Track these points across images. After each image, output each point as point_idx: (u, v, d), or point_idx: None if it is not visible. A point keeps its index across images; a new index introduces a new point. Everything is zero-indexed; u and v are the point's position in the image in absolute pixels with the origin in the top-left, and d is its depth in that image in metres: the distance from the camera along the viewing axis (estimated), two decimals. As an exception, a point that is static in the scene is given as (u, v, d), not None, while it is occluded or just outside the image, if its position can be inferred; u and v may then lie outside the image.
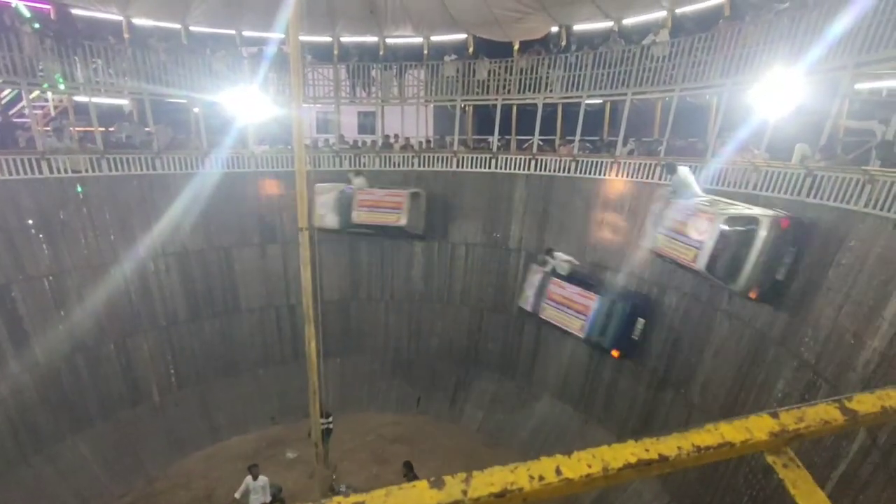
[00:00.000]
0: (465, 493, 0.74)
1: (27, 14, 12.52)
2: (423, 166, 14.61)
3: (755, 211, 8.14)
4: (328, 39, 15.71)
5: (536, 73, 13.41)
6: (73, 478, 10.87)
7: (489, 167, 14.09)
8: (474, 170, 14.25)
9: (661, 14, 13.10)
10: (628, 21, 13.86)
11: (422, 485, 0.75)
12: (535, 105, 13.53)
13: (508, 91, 13.83)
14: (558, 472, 0.77)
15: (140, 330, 12.64)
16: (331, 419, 10.98)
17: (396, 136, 15.61)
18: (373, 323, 15.38)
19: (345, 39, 15.92)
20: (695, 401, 9.66)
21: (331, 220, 13.54)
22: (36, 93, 12.61)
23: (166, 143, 13.19)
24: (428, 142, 16.21)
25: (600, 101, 13.69)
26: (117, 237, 12.18)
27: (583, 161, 12.77)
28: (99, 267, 11.87)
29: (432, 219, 14.60)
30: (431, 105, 16.24)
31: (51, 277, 11.20)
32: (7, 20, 11.37)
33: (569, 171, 13.00)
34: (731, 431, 0.87)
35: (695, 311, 10.09)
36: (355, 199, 13.58)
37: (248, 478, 9.32)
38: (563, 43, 14.57)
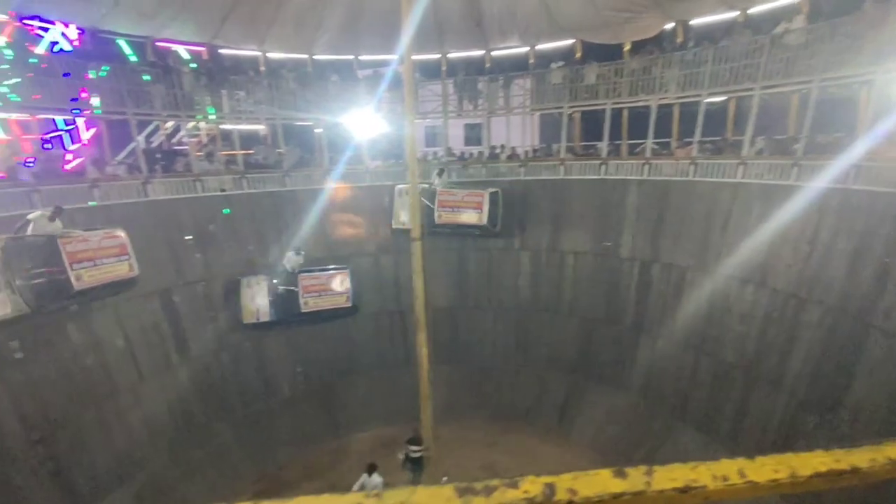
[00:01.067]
0: (647, 484, 0.79)
1: (186, 56, 14.64)
2: (530, 175, 14.58)
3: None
4: (436, 56, 16.36)
5: (650, 73, 12.79)
6: (218, 460, 12.33)
7: (598, 173, 13.67)
8: (583, 177, 13.90)
9: (795, -1, 11.84)
10: (756, 9, 12.69)
11: (605, 473, 0.81)
12: (649, 107, 12.89)
13: (619, 94, 13.34)
14: (742, 474, 0.79)
15: (273, 332, 14.03)
16: (424, 448, 10.40)
17: (503, 146, 15.75)
18: (480, 331, 15.56)
19: (452, 55, 16.47)
20: (844, 429, 8.48)
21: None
22: (192, 124, 14.67)
23: (295, 162, 14.60)
24: (534, 150, 16.14)
25: (723, 98, 12.68)
26: (254, 247, 13.69)
27: (703, 163, 11.90)
28: (239, 274, 13.42)
29: (538, 227, 14.49)
30: (538, 114, 16.17)
31: (203, 283, 12.89)
32: (171, 62, 13.41)
33: (687, 175, 12.18)
34: (935, 448, 0.82)
35: (842, 325, 8.90)
36: (437, 200, 13.95)
37: (365, 475, 9.88)
38: (680, 39, 13.72)
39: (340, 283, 13.99)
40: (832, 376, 8.93)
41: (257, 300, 13.25)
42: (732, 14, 12.96)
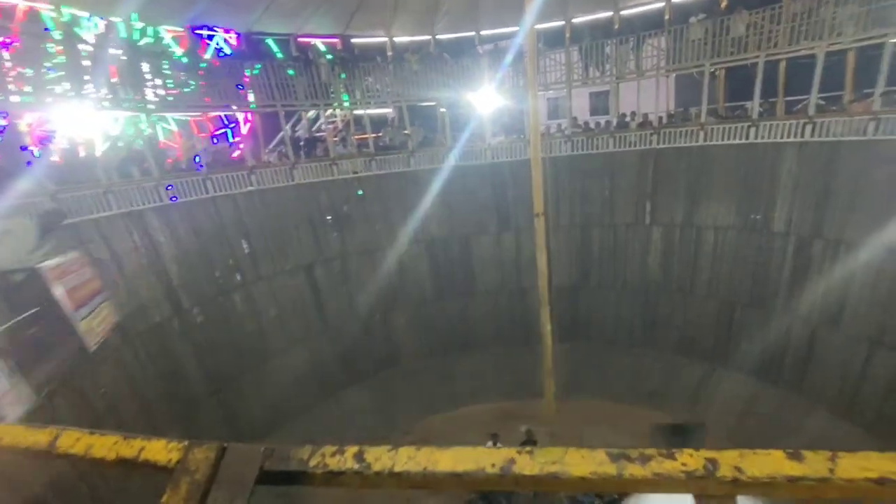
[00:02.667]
0: (832, 471, 0.70)
1: (323, 48, 15.82)
2: (663, 143, 13.40)
3: None
4: (559, 23, 15.62)
5: (817, 14, 10.86)
6: (350, 420, 13.58)
7: (746, 138, 12.10)
8: (726, 142, 12.43)
9: None
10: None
11: (777, 454, 0.73)
12: (814, 57, 11.00)
13: (775, 44, 11.55)
14: (960, 470, 0.66)
15: (398, 305, 14.93)
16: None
17: (633, 113, 14.67)
18: (604, 311, 14.96)
19: (576, 20, 15.59)
20: None
21: None
22: (329, 111, 15.90)
23: (419, 142, 15.13)
24: (669, 116, 14.80)
25: (918, 37, 10.34)
26: (382, 227, 14.57)
27: (887, 119, 9.91)
28: (370, 251, 14.42)
29: (671, 200, 13.37)
30: (673, 76, 14.73)
31: (339, 259, 14.10)
32: (310, 55, 14.59)
33: (864, 134, 10.26)
34: None
35: None
36: None
37: (490, 443, 10.18)
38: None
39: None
40: None
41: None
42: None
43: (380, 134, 15.94)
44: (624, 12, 14.94)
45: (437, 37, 16.28)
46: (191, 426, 10.38)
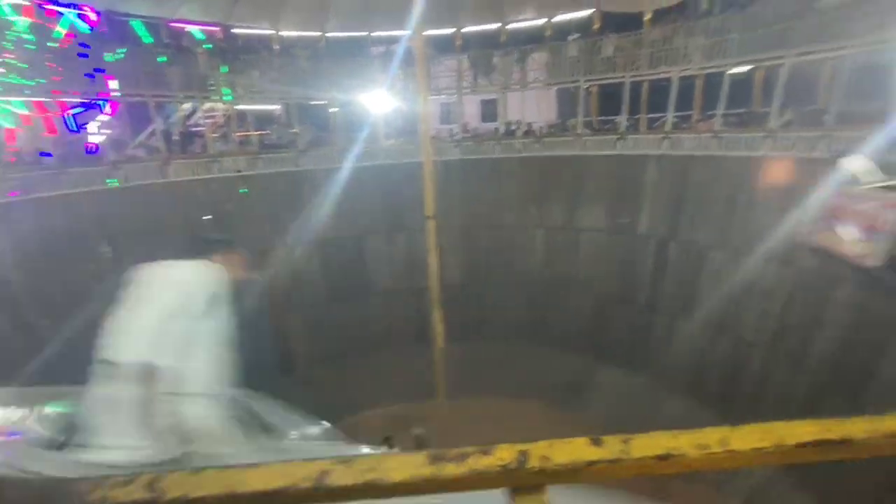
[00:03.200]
0: (625, 452, 0.76)
1: (201, 36, 14.64)
2: (546, 151, 14.33)
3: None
4: (450, 30, 16.04)
5: (671, 43, 12.34)
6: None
7: (616, 149, 13.36)
8: (599, 153, 13.62)
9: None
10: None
11: (580, 440, 0.78)
12: (670, 79, 12.47)
13: (638, 67, 12.92)
14: (724, 443, 0.76)
15: (290, 309, 14.25)
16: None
17: (519, 122, 15.49)
18: (493, 310, 15.57)
19: (466, 30, 16.12)
20: (871, 412, 8.29)
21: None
22: (208, 104, 14.74)
23: (309, 141, 14.60)
24: (551, 126, 15.85)
25: (748, 68, 12.19)
26: (270, 228, 13.82)
27: (726, 137, 11.52)
28: (257, 253, 13.59)
29: (552, 204, 14.31)
30: (554, 88, 15.81)
31: (221, 262, 13.10)
32: (186, 43, 13.43)
33: (709, 149, 11.82)
34: (938, 420, 0.77)
35: (875, 305, 8.63)
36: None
37: (383, 448, 10.08)
38: (705, 6, 13.18)
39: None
40: (860, 357, 8.71)
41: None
42: (761, -22, 12.36)
43: (266, 131, 15.13)
44: (509, 26, 15.75)
45: (328, 34, 15.85)
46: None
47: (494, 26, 15.84)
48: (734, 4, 12.15)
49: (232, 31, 14.97)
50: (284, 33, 15.49)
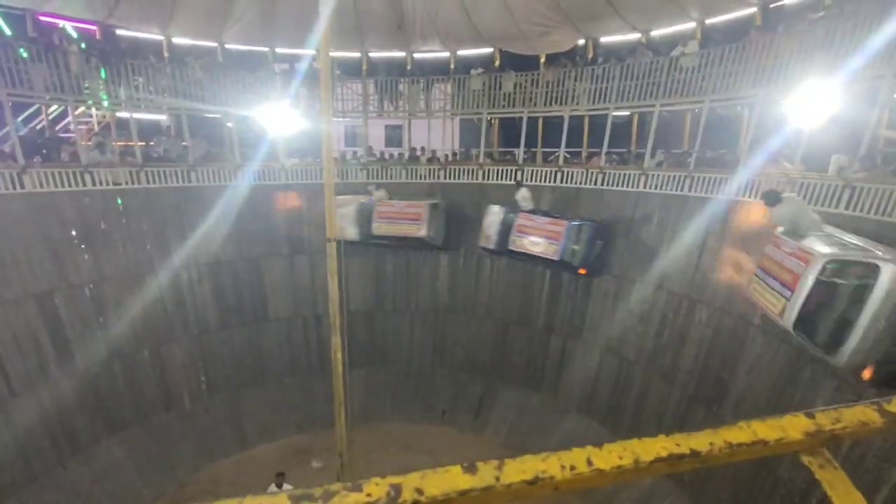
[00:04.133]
0: (497, 479, 0.76)
1: (74, 35, 13.21)
2: (449, 178, 14.74)
3: (876, 253, 6.04)
4: (357, 55, 16.08)
5: (563, 85, 13.42)
6: (107, 480, 11.17)
7: (514, 179, 14.09)
8: (500, 182, 14.28)
9: (689, 25, 12.99)
10: (656, 33, 13.76)
11: (455, 469, 0.77)
12: (562, 117, 13.52)
13: (535, 104, 13.86)
14: (590, 462, 0.79)
15: (174, 337, 12.99)
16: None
17: (423, 148, 15.79)
18: (397, 334, 15.45)
19: (373, 55, 16.26)
20: (728, 420, 9.34)
21: (351, 232, 13.70)
22: (81, 109, 13.25)
23: (202, 156, 13.65)
24: (454, 154, 16.34)
25: (628, 112, 13.60)
26: (153, 247, 12.61)
27: (610, 173, 12.67)
28: (136, 276, 12.29)
29: (457, 230, 14.67)
30: (458, 118, 16.39)
31: (91, 285, 11.65)
32: (56, 40, 12.02)
33: (595, 183, 12.90)
34: (765, 429, 0.87)
35: (726, 325, 9.83)
36: (375, 211, 13.81)
37: (273, 486, 9.41)
38: (591, 55, 14.56)
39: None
40: (718, 371, 9.82)
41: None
42: (636, 35, 13.97)
43: (151, 143, 13.91)
44: (416, 55, 16.16)
45: (227, 45, 15.11)
46: None
47: (401, 54, 16.16)
48: (615, 56, 13.57)
49: (114, 32, 13.68)
50: (176, 40, 14.49)
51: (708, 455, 0.82)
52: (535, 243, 12.58)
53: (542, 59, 15.13)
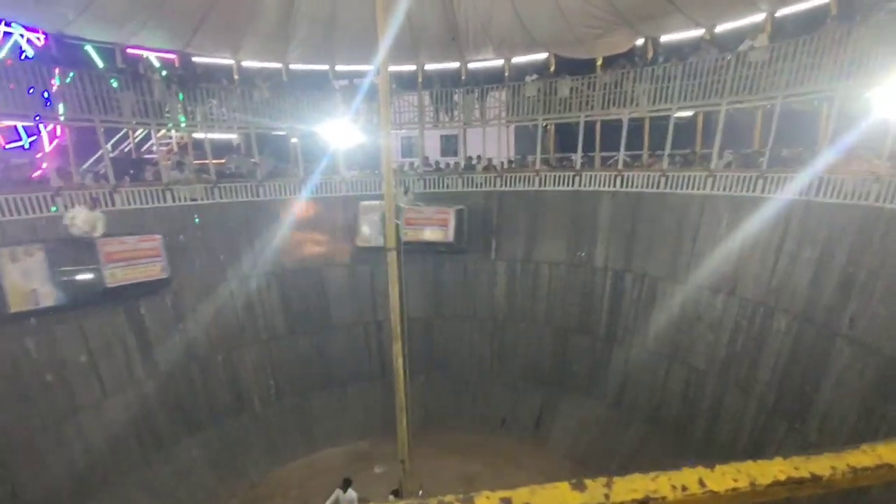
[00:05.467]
0: (607, 496, 0.77)
1: (157, 64, 14.36)
2: (505, 186, 14.70)
3: None
4: (412, 68, 16.42)
5: (621, 87, 13.07)
6: (187, 478, 11.90)
7: (572, 185, 13.86)
8: (557, 188, 14.08)
9: (758, 18, 12.29)
10: (721, 28, 13.13)
11: (563, 486, 0.78)
12: (621, 120, 13.16)
13: (592, 107, 13.59)
14: (702, 483, 0.77)
15: (244, 343, 13.69)
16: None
17: (479, 157, 15.85)
18: (456, 342, 15.50)
19: (428, 67, 16.56)
20: (812, 436, 8.68)
21: (376, 238, 13.94)
22: (162, 132, 14.34)
23: (269, 171, 14.39)
24: (510, 162, 16.29)
25: (691, 112, 13.04)
26: (226, 258, 13.39)
27: (673, 176, 12.19)
28: (210, 285, 13.09)
29: (513, 238, 14.60)
30: (513, 125, 16.34)
31: (171, 294, 12.52)
32: (141, 70, 13.12)
33: (658, 187, 12.45)
34: (890, 453, 0.82)
35: (808, 333, 9.15)
36: (403, 217, 13.66)
37: (339, 490, 9.67)
38: (650, 55, 14.10)
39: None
40: (800, 383, 9.15)
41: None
42: (699, 31, 13.39)
43: (223, 160, 14.83)
44: (470, 65, 16.30)
45: (290, 66, 15.90)
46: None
47: (455, 65, 16.35)
48: (676, 54, 13.07)
49: (190, 59, 14.76)
50: (245, 63, 15.42)
51: (830, 480, 0.79)
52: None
53: (599, 62, 14.82)
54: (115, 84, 11.86)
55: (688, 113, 13.02)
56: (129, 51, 13.60)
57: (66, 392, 10.38)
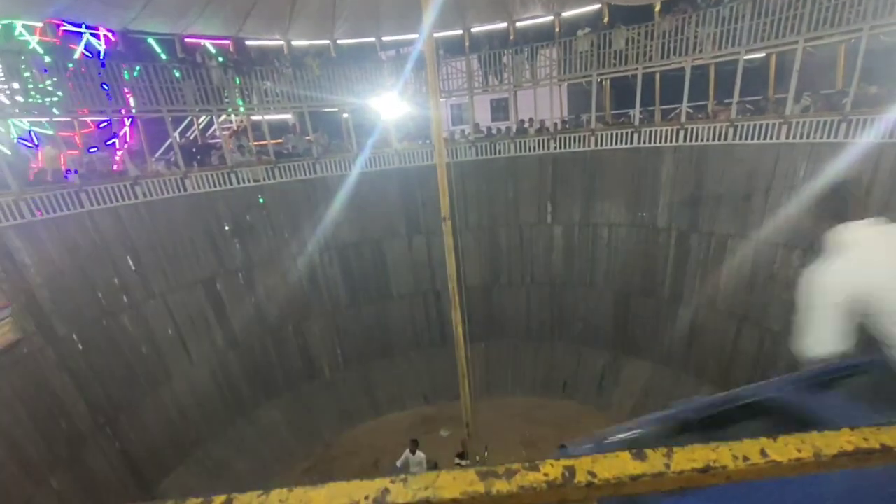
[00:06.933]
0: (667, 465, 0.79)
1: (213, 51, 14.89)
2: (560, 148, 14.28)
3: None
4: (459, 32, 16.04)
5: (682, 33, 12.17)
6: (268, 439, 12.93)
7: (631, 142, 13.24)
8: (614, 146, 13.52)
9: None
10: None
11: (624, 455, 0.82)
12: (683, 70, 12.31)
13: (650, 58, 12.77)
14: (764, 453, 0.78)
15: (311, 315, 14.44)
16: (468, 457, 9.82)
17: (531, 119, 15.43)
18: (515, 308, 15.57)
19: (475, 30, 16.11)
20: None
21: None
22: (223, 117, 14.99)
23: (324, 148, 14.76)
24: (563, 122, 15.76)
25: (762, 55, 11.97)
26: (290, 235, 14.03)
27: (742, 125, 11.35)
28: (277, 261, 13.81)
29: (569, 200, 14.26)
30: (565, 84, 15.71)
31: (243, 271, 13.35)
32: (199, 58, 13.67)
33: (725, 139, 11.66)
34: (973, 426, 0.79)
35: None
36: None
37: (407, 451, 10.16)
38: (714, -6, 12.97)
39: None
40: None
41: (296, 286, 13.61)
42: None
43: (281, 140, 15.33)
44: (518, 24, 15.69)
45: (338, 41, 15.99)
46: (78, 467, 9.27)
47: (503, 25, 15.79)
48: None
49: (244, 43, 15.19)
50: (295, 43, 15.67)
51: (901, 451, 0.77)
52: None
53: (657, 8, 13.81)
54: (177, 74, 12.46)
55: (759, 55, 11.96)
56: (187, 40, 14.17)
57: (160, 361, 11.47)
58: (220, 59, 14.22)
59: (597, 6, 14.75)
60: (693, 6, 12.67)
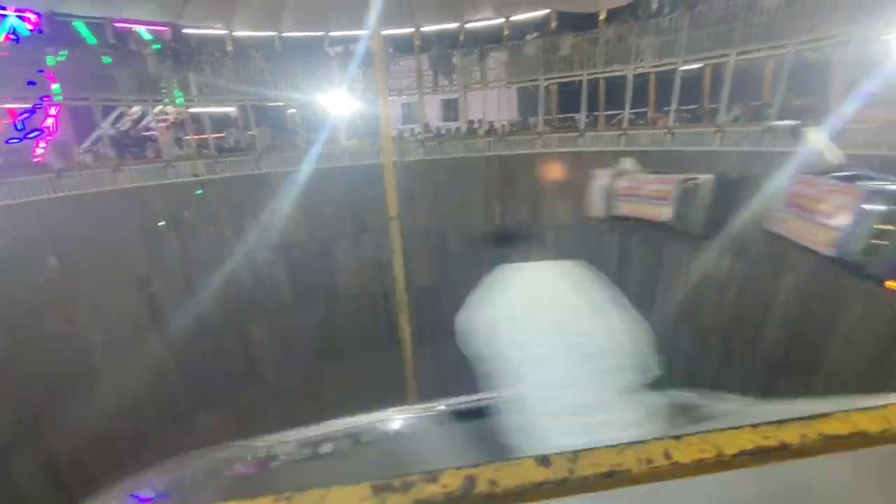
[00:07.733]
0: (571, 471, 0.76)
1: (149, 37, 14.07)
2: (508, 150, 14.46)
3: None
4: (409, 30, 15.96)
5: (625, 42, 12.64)
6: (207, 447, 12.30)
7: (576, 146, 13.60)
8: (560, 149, 13.83)
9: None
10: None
11: (529, 461, 0.78)
12: (625, 77, 12.78)
13: (594, 65, 13.18)
14: (667, 455, 0.76)
15: (255, 316, 13.89)
16: None
17: (480, 121, 15.56)
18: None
19: (425, 29, 16.08)
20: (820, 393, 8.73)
21: (598, 208, 12.37)
22: (159, 108, 14.19)
23: (267, 144, 14.26)
24: (512, 125, 15.98)
25: (699, 65, 12.62)
26: (232, 233, 13.43)
27: (679, 133, 11.89)
28: (218, 259, 13.18)
29: (515, 202, 14.45)
30: (514, 87, 15.95)
31: (181, 269, 12.65)
32: (133, 45, 12.88)
33: (663, 145, 12.17)
34: (866, 420, 0.80)
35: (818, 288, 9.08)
36: (614, 187, 11.64)
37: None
38: (655, 6, 13.56)
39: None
40: (809, 338, 9.14)
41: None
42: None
43: (223, 135, 14.70)
44: (468, 25, 15.80)
45: (284, 34, 15.52)
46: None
47: (453, 26, 15.86)
48: (683, 4, 12.54)
49: (183, 31, 14.44)
50: (238, 33, 15.06)
51: (800, 448, 0.77)
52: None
53: (602, 17, 14.29)
54: (108, 61, 11.68)
55: (695, 66, 12.60)
56: (119, 25, 13.32)
57: (88, 366, 10.68)
58: (157, 46, 13.46)
59: (545, 11, 15.08)
60: (635, 16, 13.20)
